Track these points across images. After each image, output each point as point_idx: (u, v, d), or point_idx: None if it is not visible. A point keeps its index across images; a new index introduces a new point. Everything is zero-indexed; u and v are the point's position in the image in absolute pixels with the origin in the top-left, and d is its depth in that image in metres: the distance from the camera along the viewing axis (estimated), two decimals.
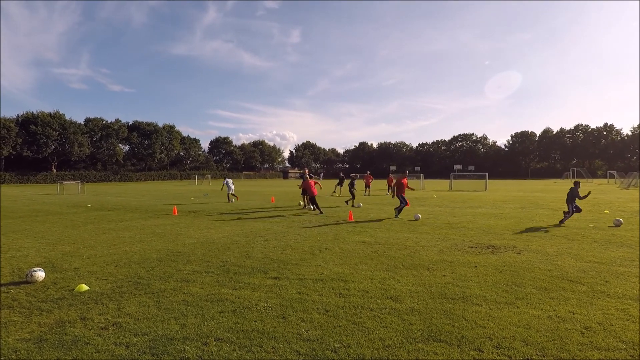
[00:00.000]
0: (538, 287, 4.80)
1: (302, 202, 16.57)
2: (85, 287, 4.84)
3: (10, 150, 63.59)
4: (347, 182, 17.83)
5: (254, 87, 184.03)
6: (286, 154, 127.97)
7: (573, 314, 3.93)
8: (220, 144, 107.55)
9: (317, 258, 6.55)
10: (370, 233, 9.17)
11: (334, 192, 25.49)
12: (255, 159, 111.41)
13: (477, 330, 3.56)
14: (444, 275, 5.38)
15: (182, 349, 3.22)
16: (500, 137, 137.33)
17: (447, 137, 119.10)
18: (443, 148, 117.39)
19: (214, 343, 3.32)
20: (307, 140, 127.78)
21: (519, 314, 3.94)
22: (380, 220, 11.70)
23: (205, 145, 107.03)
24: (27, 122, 66.21)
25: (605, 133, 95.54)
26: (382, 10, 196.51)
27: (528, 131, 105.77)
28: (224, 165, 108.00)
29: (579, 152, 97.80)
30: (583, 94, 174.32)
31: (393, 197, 15.37)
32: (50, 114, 69.81)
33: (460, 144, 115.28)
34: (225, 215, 13.35)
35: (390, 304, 4.26)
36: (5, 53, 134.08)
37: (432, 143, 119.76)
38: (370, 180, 25.91)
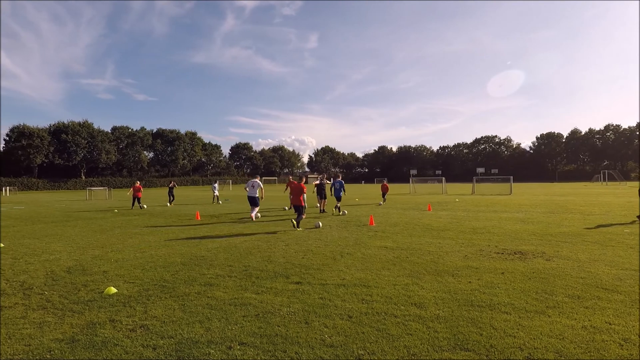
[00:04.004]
0: (570, 296, 4.60)
1: (318, 205, 16.56)
2: (113, 290, 4.98)
3: (44, 159, 66.71)
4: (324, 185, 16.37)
5: (272, 93, 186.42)
6: (305, 159, 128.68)
7: (610, 324, 3.74)
8: (240, 150, 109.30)
9: (339, 263, 6.51)
10: (392, 238, 9.06)
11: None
12: (275, 164, 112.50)
13: (507, 339, 3.44)
14: (470, 282, 5.24)
15: (207, 352, 3.26)
16: (525, 139, 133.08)
17: (469, 140, 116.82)
18: (465, 151, 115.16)
19: (238, 347, 3.34)
20: (326, 145, 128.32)
21: (551, 323, 3.78)
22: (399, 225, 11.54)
23: (226, 151, 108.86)
24: (58, 132, 69.35)
25: (638, 133, 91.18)
26: (399, 12, 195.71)
27: (554, 132, 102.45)
28: (245, 170, 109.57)
29: (610, 153, 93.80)
30: (613, 92, 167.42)
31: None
32: (80, 123, 72.91)
33: (482, 146, 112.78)
34: (246, 220, 13.50)
35: (414, 310, 4.18)
36: (36, 67, 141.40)
37: (453, 146, 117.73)
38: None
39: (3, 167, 65.16)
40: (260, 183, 14.20)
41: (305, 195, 12.20)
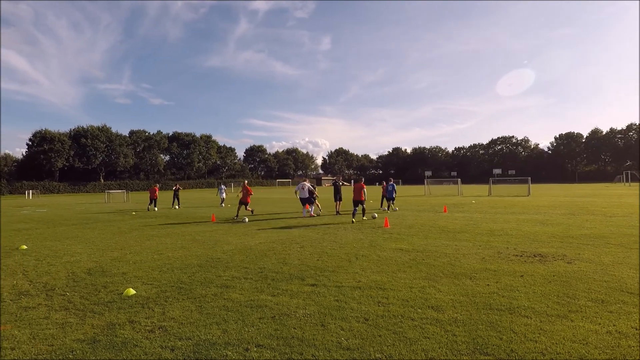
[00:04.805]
0: (594, 300, 4.45)
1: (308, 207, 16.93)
2: (132, 291, 5.08)
3: (64, 162, 68.65)
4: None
5: (285, 96, 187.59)
6: (319, 161, 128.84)
7: (636, 329, 3.60)
8: (254, 152, 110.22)
9: (354, 265, 6.48)
10: (407, 240, 8.97)
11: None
12: (289, 166, 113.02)
13: (528, 344, 3.35)
14: (488, 285, 5.14)
15: (224, 354, 3.28)
16: (543, 140, 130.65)
17: (485, 141, 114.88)
18: (481, 152, 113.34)
19: (255, 349, 3.35)
20: (340, 146, 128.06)
21: (574, 328, 3.67)
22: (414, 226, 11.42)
23: (240, 153, 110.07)
24: (78, 136, 71.28)
25: None
26: (413, 12, 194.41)
27: (574, 132, 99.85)
28: (259, 173, 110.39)
29: (632, 153, 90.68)
30: (635, 91, 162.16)
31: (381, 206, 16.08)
32: (99, 127, 74.79)
33: (499, 147, 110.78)
34: (261, 222, 13.59)
35: (431, 313, 4.12)
36: (57, 73, 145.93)
37: (469, 147, 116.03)
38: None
39: (26, 171, 67.36)
40: (309, 185, 16.10)
41: (365, 190, 13.81)
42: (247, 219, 13.08)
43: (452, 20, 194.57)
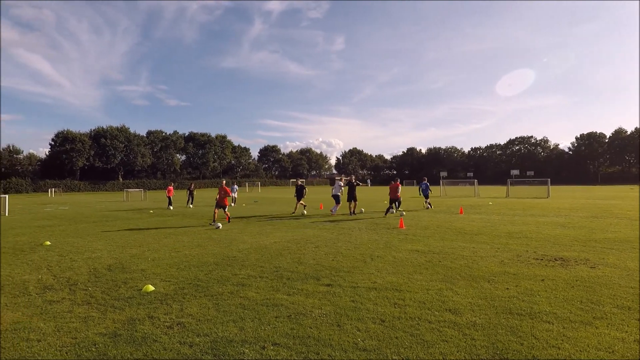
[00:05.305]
0: (620, 306, 4.30)
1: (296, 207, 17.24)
2: (151, 288, 5.18)
3: (85, 162, 70.54)
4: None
5: (299, 96, 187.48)
6: (333, 161, 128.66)
7: None
8: (268, 152, 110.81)
9: (369, 266, 6.44)
10: (423, 242, 8.86)
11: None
12: (303, 166, 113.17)
13: (550, 350, 3.26)
14: (507, 289, 5.03)
15: (242, 351, 3.31)
16: (563, 140, 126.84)
17: (503, 141, 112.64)
18: (498, 152, 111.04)
19: (272, 347, 3.37)
20: (354, 146, 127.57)
21: (599, 335, 3.55)
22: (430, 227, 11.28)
23: (254, 153, 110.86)
24: (98, 136, 73.10)
25: None
26: (429, 10, 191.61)
27: (596, 132, 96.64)
28: (273, 172, 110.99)
29: None
30: None
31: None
32: (118, 128, 76.50)
33: (517, 147, 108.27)
34: (275, 222, 13.66)
35: (449, 316, 4.06)
36: (78, 76, 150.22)
37: (485, 147, 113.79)
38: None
39: (49, 170, 69.55)
40: (341, 184, 17.36)
41: (400, 189, 15.61)
42: (220, 225, 12.07)
43: (469, 18, 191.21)
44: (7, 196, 20.14)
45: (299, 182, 18.03)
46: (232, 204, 24.03)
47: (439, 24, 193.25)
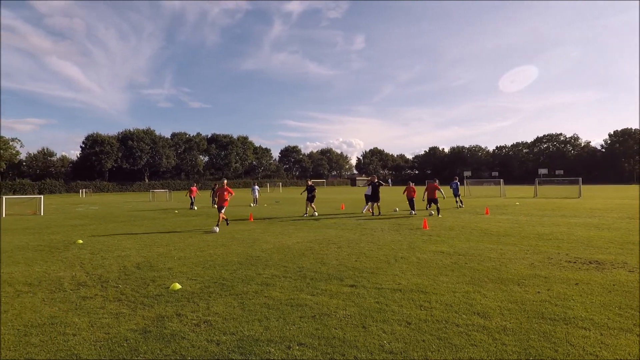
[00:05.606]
0: None
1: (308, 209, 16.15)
2: (178, 286, 5.30)
3: (113, 163, 73.23)
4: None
5: (319, 96, 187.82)
6: (353, 161, 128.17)
7: None
8: (289, 153, 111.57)
9: (393, 267, 6.36)
10: (447, 242, 8.68)
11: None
12: (323, 166, 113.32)
13: (588, 357, 3.11)
14: (539, 292, 4.85)
15: (268, 350, 3.33)
16: (595, 137, 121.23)
17: (530, 139, 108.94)
18: (525, 151, 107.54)
19: (297, 347, 3.37)
20: (375, 146, 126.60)
21: None
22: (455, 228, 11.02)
23: (275, 154, 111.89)
24: (125, 139, 75.70)
25: None
26: (451, 6, 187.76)
27: (631, 129, 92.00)
28: (294, 173, 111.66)
29: None
30: None
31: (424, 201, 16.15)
32: (144, 130, 79.00)
33: (545, 145, 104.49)
34: (297, 222, 13.72)
35: (477, 320, 3.95)
36: (107, 81, 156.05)
37: (511, 146, 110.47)
38: (413, 193, 16.62)
39: (80, 171, 72.64)
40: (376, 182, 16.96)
41: (438, 191, 15.72)
42: (217, 229, 11.38)
43: (492, 13, 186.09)
44: (42, 197, 21.14)
45: (309, 183, 17.10)
46: (253, 204, 24.34)
47: (460, 20, 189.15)
